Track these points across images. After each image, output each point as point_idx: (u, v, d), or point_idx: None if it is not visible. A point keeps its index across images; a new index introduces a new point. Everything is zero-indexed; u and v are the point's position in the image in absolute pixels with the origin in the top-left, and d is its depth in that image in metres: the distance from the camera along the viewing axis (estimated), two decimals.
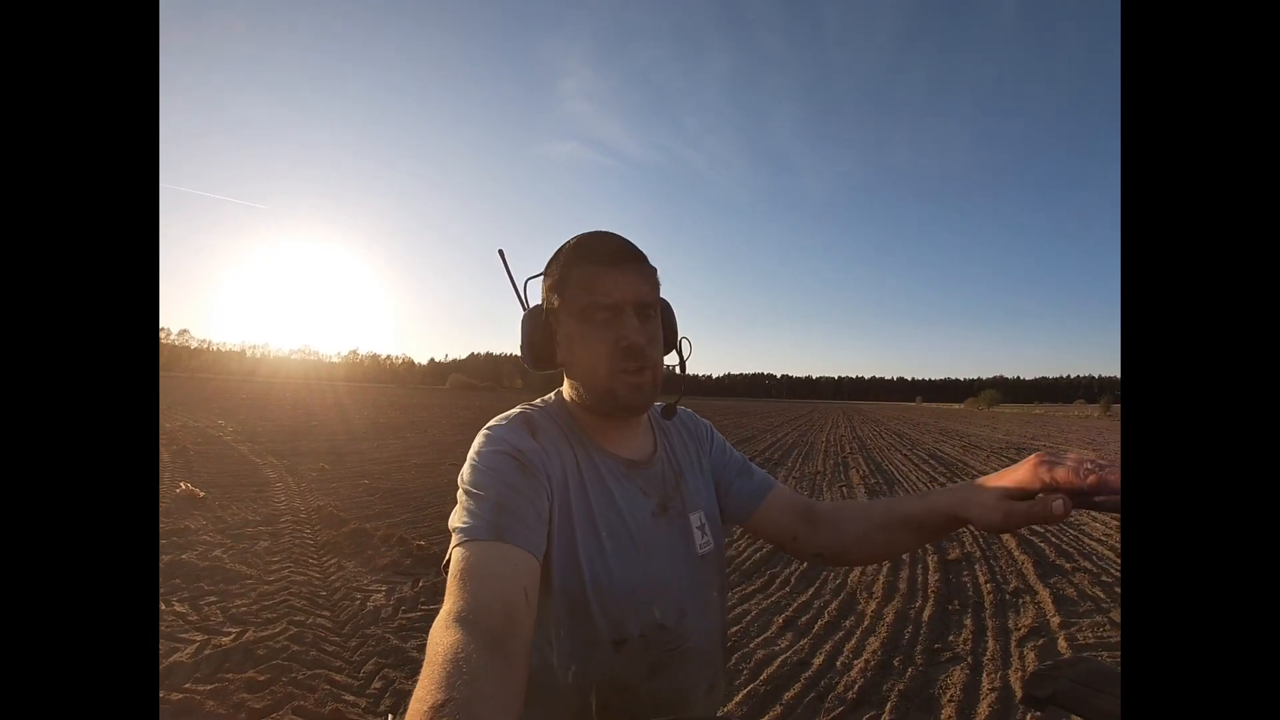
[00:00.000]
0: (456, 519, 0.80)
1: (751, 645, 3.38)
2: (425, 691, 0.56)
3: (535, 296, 1.02)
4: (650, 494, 0.98)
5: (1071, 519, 6.81)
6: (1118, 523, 6.46)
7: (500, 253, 1.08)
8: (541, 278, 1.00)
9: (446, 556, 0.77)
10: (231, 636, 3.18)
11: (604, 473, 0.95)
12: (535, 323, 0.97)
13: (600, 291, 0.91)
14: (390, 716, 0.97)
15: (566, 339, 0.95)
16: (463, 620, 0.65)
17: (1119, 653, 3.30)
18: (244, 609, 3.57)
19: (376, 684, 2.84)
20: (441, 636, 0.63)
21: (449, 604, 0.68)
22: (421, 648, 3.27)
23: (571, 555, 0.88)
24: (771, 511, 1.10)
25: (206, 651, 3.03)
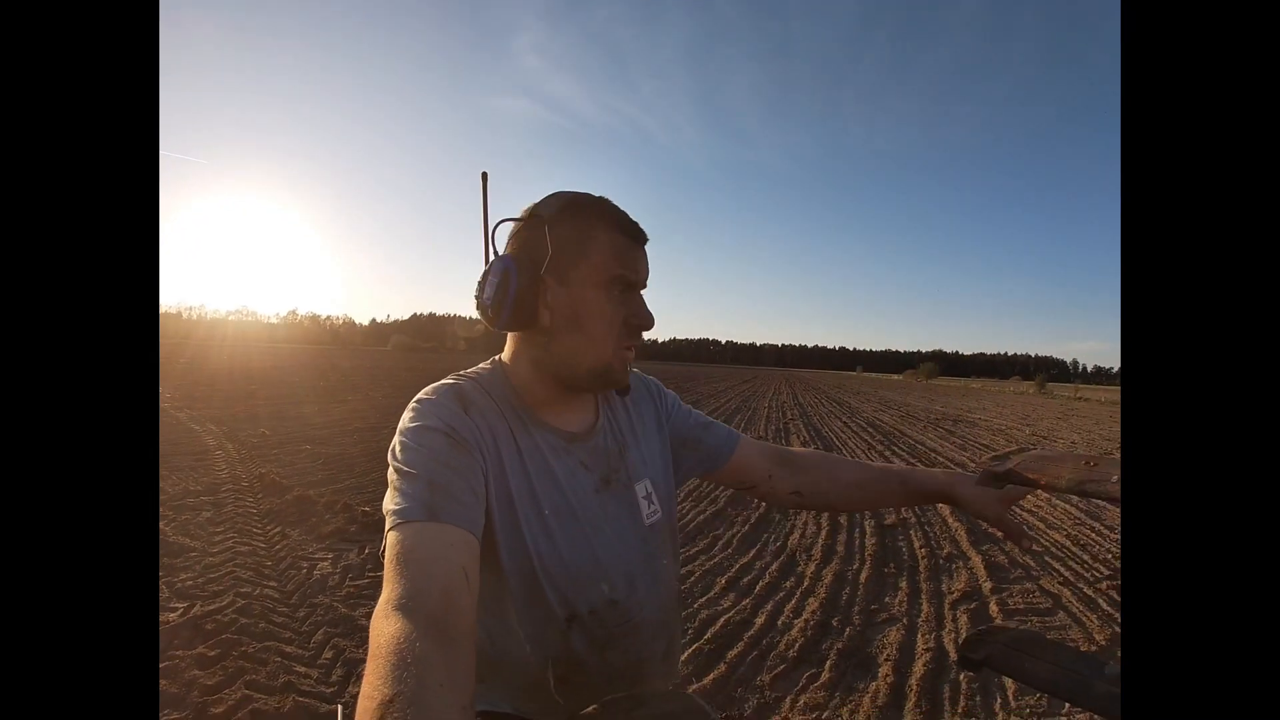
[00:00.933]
0: (389, 500, 0.78)
1: (695, 605, 3.48)
2: (372, 687, 0.56)
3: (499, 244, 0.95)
4: (593, 468, 0.96)
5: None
6: (1047, 496, 6.82)
7: (483, 176, 1.01)
8: (529, 226, 0.91)
9: (383, 542, 0.75)
10: (178, 612, 3.12)
11: (543, 448, 0.92)
12: (526, 274, 0.88)
13: (630, 267, 0.90)
14: (341, 708, 0.97)
15: (571, 304, 0.89)
16: (403, 608, 0.64)
17: (1047, 619, 3.53)
18: (189, 583, 3.50)
19: (327, 654, 2.84)
20: (383, 627, 0.62)
21: (388, 591, 0.67)
22: (371, 615, 3.22)
23: (517, 536, 0.87)
24: (745, 457, 1.14)
25: None
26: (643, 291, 0.95)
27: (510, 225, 0.94)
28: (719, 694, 2.67)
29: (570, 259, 0.88)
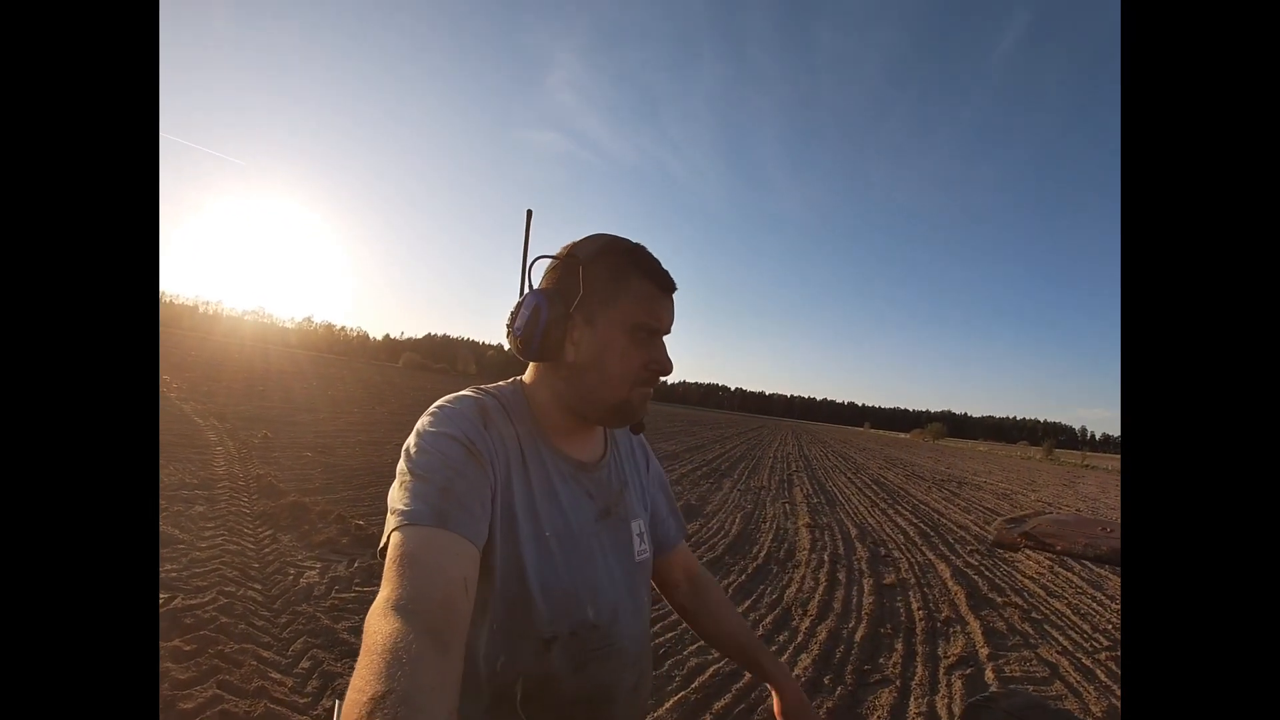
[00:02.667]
0: (398, 499, 0.78)
1: (685, 653, 3.40)
2: (364, 682, 0.56)
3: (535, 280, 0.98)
4: (596, 497, 0.98)
5: (1005, 556, 7.00)
6: (1050, 561, 6.67)
7: (528, 214, 1.06)
8: (565, 265, 0.94)
9: (384, 538, 0.75)
10: (160, 602, 3.08)
11: (551, 472, 0.94)
12: (555, 310, 0.91)
13: (656, 315, 0.93)
14: (338, 703, 0.95)
15: (596, 344, 0.91)
16: (402, 609, 0.64)
17: (1044, 688, 3.42)
18: (173, 574, 3.46)
19: (305, 664, 2.78)
20: (380, 625, 0.62)
21: (387, 590, 0.67)
22: (354, 630, 3.23)
23: (512, 551, 0.87)
24: (678, 556, 1.22)
25: None
26: (666, 337, 0.98)
27: (547, 261, 0.98)
28: None
29: (600, 301, 0.91)
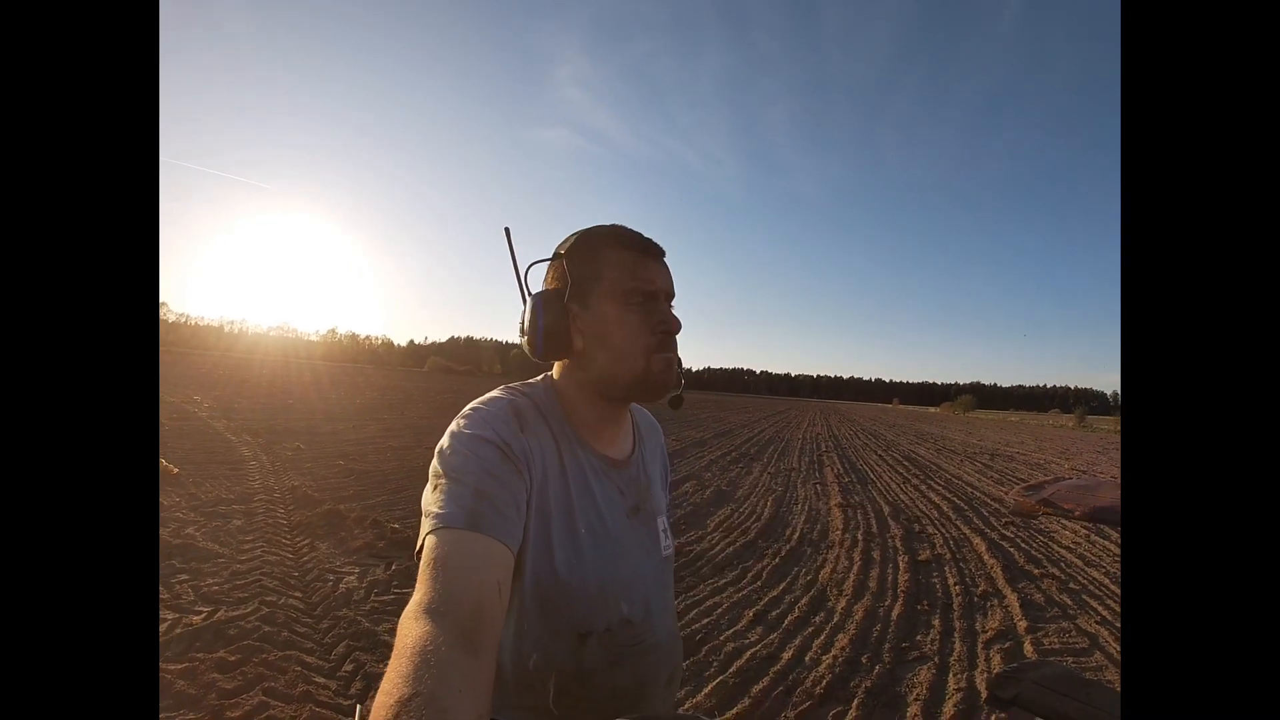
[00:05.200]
0: (433, 502, 0.78)
1: (721, 638, 3.41)
2: (392, 684, 0.56)
3: (534, 284, 1.01)
4: (627, 494, 0.99)
5: (1042, 527, 6.92)
6: (1086, 531, 6.58)
7: (506, 231, 1.05)
8: (553, 263, 0.98)
9: (420, 541, 0.76)
10: (203, 615, 3.16)
11: (586, 470, 0.95)
12: (552, 307, 0.94)
13: (643, 278, 0.94)
14: (359, 707, 0.97)
15: (596, 323, 0.93)
16: (433, 612, 0.64)
17: (1083, 659, 3.38)
18: (215, 588, 3.54)
19: (348, 667, 2.83)
20: (411, 627, 0.63)
21: (420, 593, 0.67)
22: (394, 631, 3.24)
23: (547, 548, 0.88)
24: None
25: (177, 630, 3.00)
26: (673, 302, 0.99)
27: (541, 267, 1.01)
28: None
29: (588, 284, 0.94)
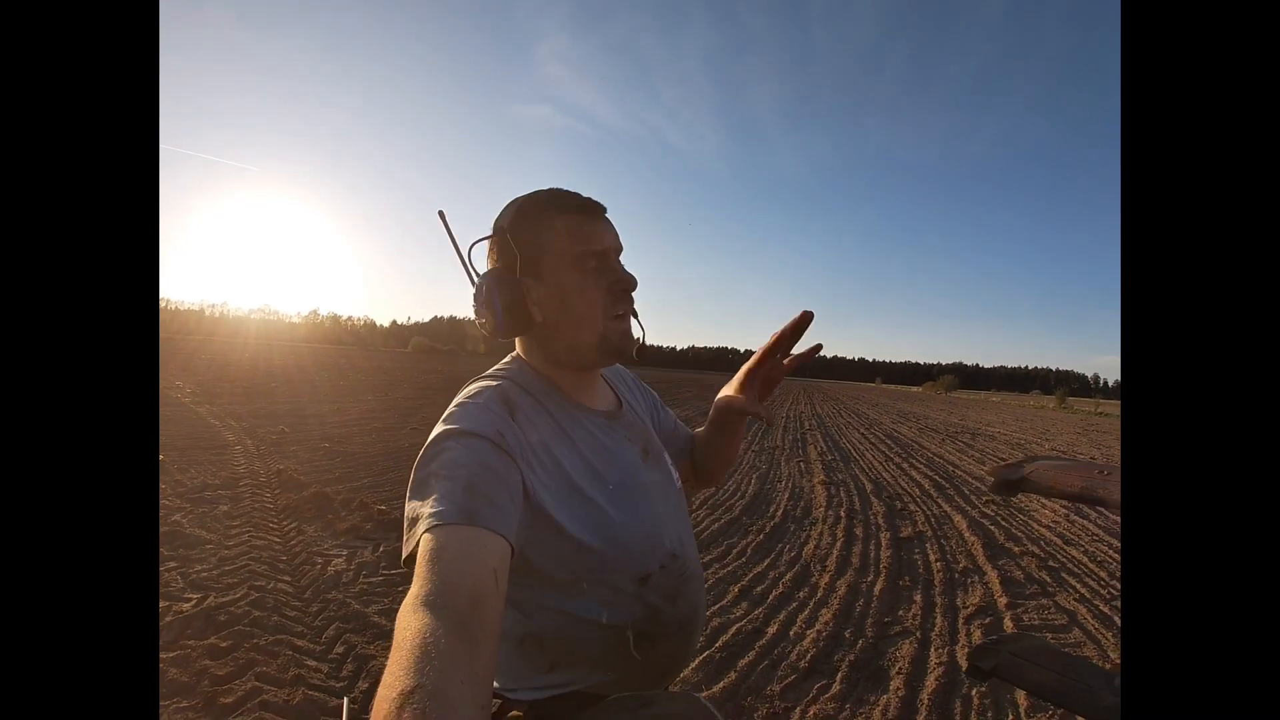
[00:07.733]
0: (426, 503, 0.76)
1: (708, 613, 3.46)
2: (394, 678, 0.56)
3: (479, 264, 1.01)
4: (634, 440, 1.03)
5: (1022, 505, 7.05)
6: (1065, 510, 6.71)
7: (441, 214, 1.04)
8: (495, 239, 0.97)
9: (412, 544, 0.73)
10: (192, 603, 3.16)
11: (592, 429, 0.97)
12: (506, 284, 0.93)
13: (592, 240, 0.93)
14: (346, 700, 0.98)
15: (553, 293, 0.93)
16: (430, 604, 0.64)
17: (1062, 635, 3.47)
18: (204, 574, 3.54)
19: (339, 649, 2.86)
20: (409, 621, 0.62)
21: (416, 587, 0.67)
22: (384, 613, 3.31)
23: (591, 516, 0.90)
24: (693, 458, 1.27)
25: (167, 618, 3.00)
26: (622, 256, 0.99)
27: (484, 245, 1.00)
28: (728, 702, 2.66)
29: (537, 254, 0.93)
